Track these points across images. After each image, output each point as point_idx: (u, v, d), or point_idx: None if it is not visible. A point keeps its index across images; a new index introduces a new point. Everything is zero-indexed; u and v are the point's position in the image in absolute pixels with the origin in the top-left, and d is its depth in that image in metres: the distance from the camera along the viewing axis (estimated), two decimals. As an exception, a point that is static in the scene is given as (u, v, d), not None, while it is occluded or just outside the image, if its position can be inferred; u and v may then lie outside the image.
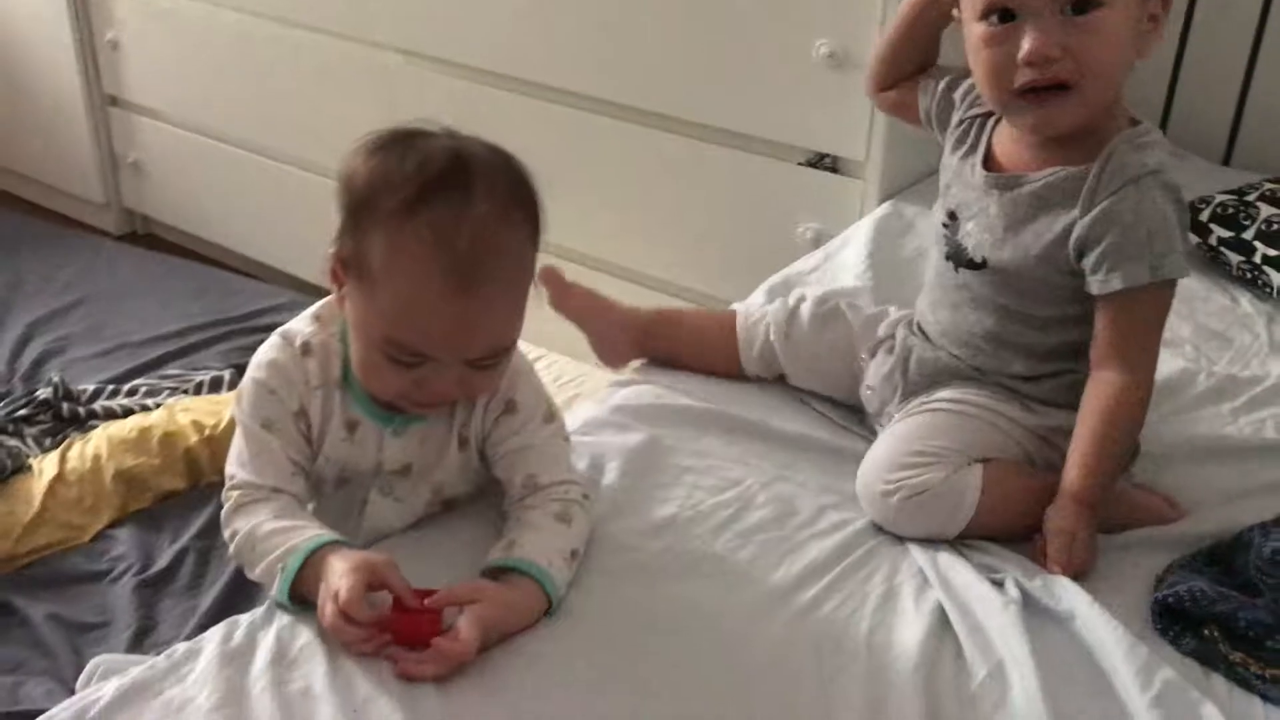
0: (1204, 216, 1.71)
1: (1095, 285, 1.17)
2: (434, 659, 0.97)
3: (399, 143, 1.06)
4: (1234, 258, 1.68)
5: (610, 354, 1.46)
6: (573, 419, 1.32)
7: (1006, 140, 1.26)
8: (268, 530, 1.05)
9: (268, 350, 1.14)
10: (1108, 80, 1.16)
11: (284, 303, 2.54)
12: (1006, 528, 1.19)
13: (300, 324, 1.15)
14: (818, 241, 1.89)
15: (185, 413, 1.99)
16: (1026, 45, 1.13)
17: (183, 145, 2.78)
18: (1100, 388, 1.17)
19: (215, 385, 2.19)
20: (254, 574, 1.06)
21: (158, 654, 1.03)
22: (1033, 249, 1.20)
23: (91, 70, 2.83)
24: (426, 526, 1.18)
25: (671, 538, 1.16)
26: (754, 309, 1.46)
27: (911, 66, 1.38)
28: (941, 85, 1.34)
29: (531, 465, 1.14)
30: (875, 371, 1.35)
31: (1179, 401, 1.44)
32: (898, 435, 1.23)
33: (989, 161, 1.26)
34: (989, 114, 1.29)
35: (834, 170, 1.90)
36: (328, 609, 0.98)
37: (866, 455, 1.23)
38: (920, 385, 1.29)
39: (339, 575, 0.98)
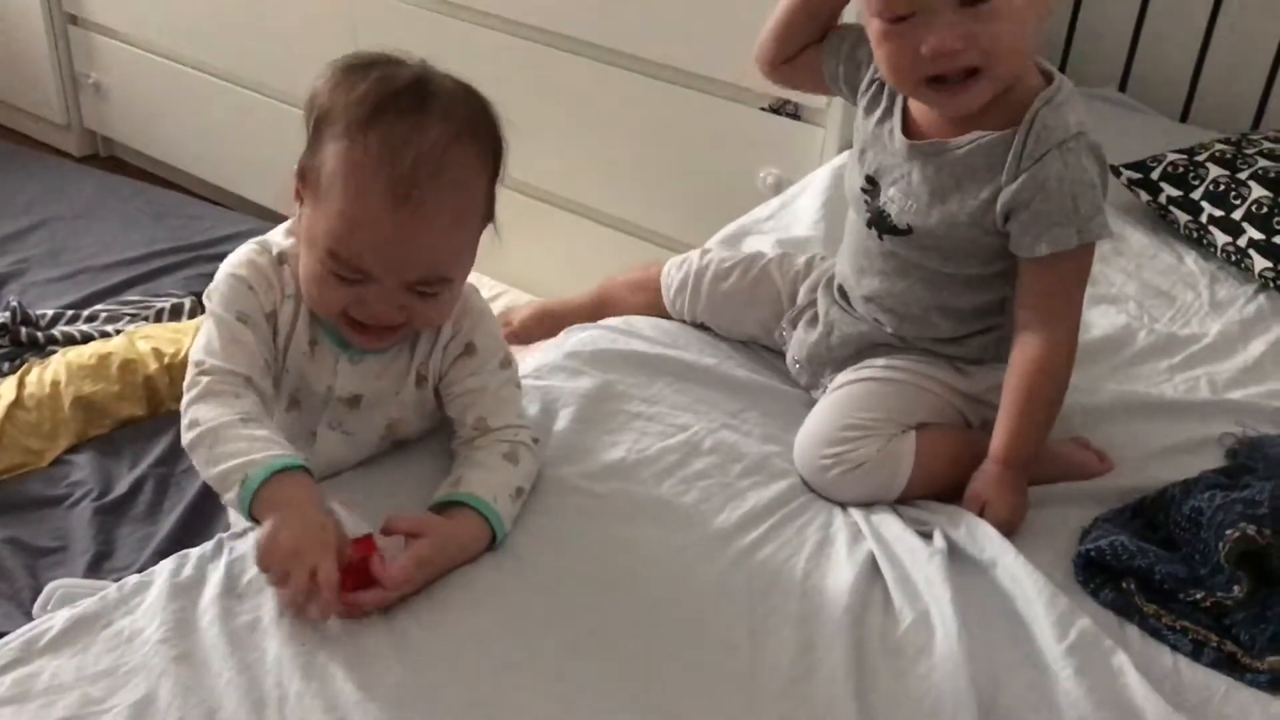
0: (1155, 175, 1.73)
1: (1023, 248, 1.18)
2: (374, 592, 1.00)
3: (367, 65, 1.08)
4: (1182, 217, 1.71)
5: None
6: (527, 362, 1.35)
7: (920, 109, 1.25)
8: (232, 433, 1.03)
9: (245, 252, 1.15)
10: (1017, 56, 1.16)
11: (247, 230, 2.53)
12: (944, 489, 1.23)
13: (275, 235, 1.17)
14: (778, 187, 1.91)
15: (145, 340, 2.00)
16: (930, 42, 1.12)
17: (145, 67, 2.75)
18: (1025, 350, 1.20)
19: (176, 313, 2.19)
20: (207, 473, 1.03)
21: (115, 579, 1.05)
22: (959, 215, 1.21)
23: (52, -13, 2.78)
24: (377, 462, 1.21)
25: (619, 481, 1.20)
26: (672, 271, 1.49)
27: (808, 39, 1.34)
28: (845, 46, 1.31)
29: (484, 408, 1.16)
30: (798, 345, 1.37)
31: (1119, 357, 1.48)
32: (833, 406, 1.26)
33: (907, 127, 1.25)
34: None
35: (796, 117, 1.91)
36: (303, 543, 0.97)
37: (803, 427, 1.26)
38: (846, 356, 1.32)
39: (318, 548, 0.97)
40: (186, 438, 1.05)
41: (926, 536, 1.16)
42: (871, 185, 1.28)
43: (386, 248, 1.04)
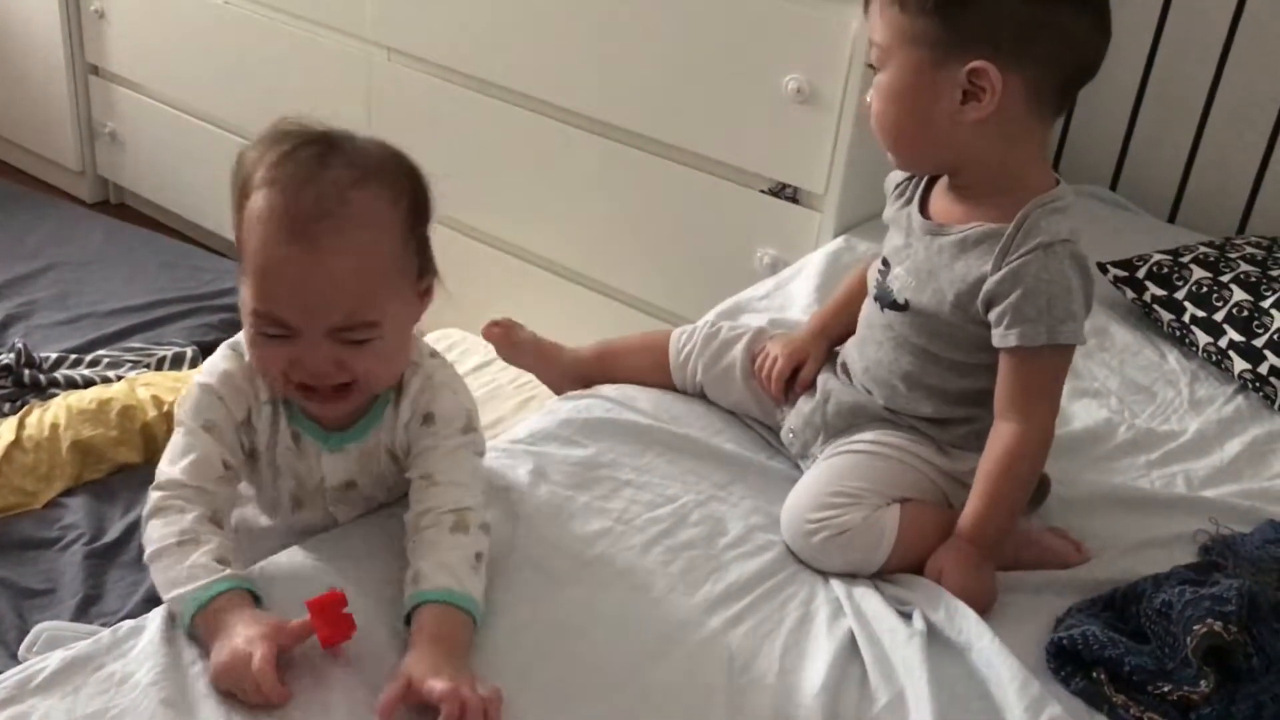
0: (1140, 273, 1.78)
1: (996, 338, 1.24)
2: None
3: (287, 132, 1.10)
4: (1165, 315, 1.75)
5: (560, 392, 1.56)
6: (521, 427, 1.38)
7: (939, 194, 1.33)
8: (168, 560, 1.06)
9: (219, 360, 1.15)
10: (894, 135, 1.27)
11: (251, 284, 2.58)
12: (921, 564, 1.26)
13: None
14: (774, 267, 1.95)
15: (146, 387, 2.02)
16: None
17: (160, 119, 2.81)
18: (998, 436, 1.25)
19: (177, 361, 2.22)
20: (160, 589, 1.06)
21: (103, 624, 1.08)
22: (948, 295, 1.27)
23: (75, 38, 2.85)
24: (345, 531, 1.21)
25: (605, 546, 1.22)
26: (683, 336, 1.53)
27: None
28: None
29: (431, 464, 1.14)
30: (796, 414, 1.42)
31: (1099, 450, 1.52)
32: (821, 475, 1.30)
33: (924, 209, 1.34)
34: (925, 177, 1.36)
35: (794, 200, 1.96)
36: (235, 672, 0.97)
37: (790, 494, 1.29)
38: (839, 427, 1.36)
39: (246, 641, 0.98)
40: (145, 555, 1.10)
41: (906, 616, 1.18)
42: (885, 266, 1.35)
43: (296, 292, 1.05)
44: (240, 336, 1.15)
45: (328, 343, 1.07)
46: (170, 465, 1.11)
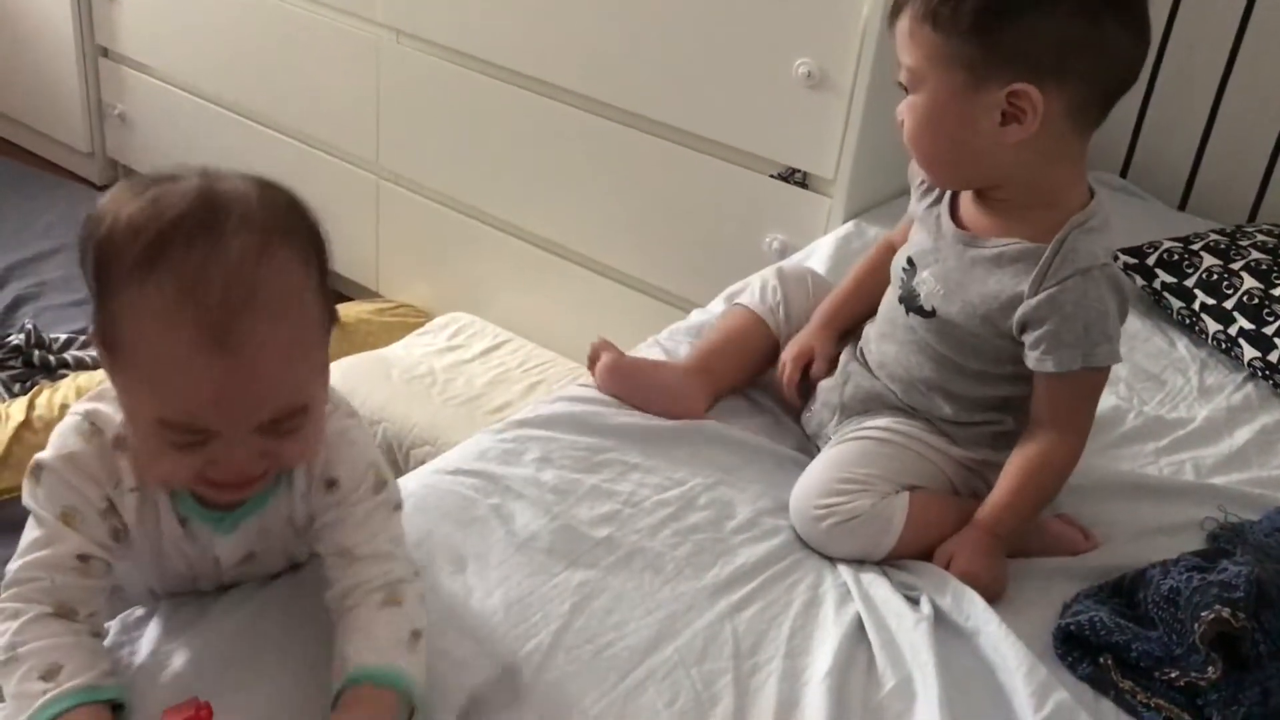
0: (1150, 260, 1.78)
1: (1032, 361, 1.23)
2: None
3: (139, 192, 0.89)
4: (1175, 303, 1.75)
5: (684, 411, 1.40)
6: (527, 410, 1.38)
7: (969, 201, 1.30)
8: (19, 674, 0.91)
9: (67, 436, 0.96)
10: (931, 159, 1.25)
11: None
12: (930, 551, 1.26)
13: (107, 407, 0.97)
14: (783, 252, 1.95)
15: (155, 369, 2.03)
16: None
17: (169, 101, 2.81)
18: (1031, 444, 1.25)
19: (186, 343, 2.23)
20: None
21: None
22: (979, 309, 1.26)
23: (85, 20, 2.85)
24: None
25: (612, 529, 1.23)
26: (755, 294, 1.51)
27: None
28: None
29: (345, 536, 1.00)
30: (821, 390, 1.42)
31: (1108, 438, 1.52)
32: (830, 461, 1.30)
33: (954, 214, 1.31)
34: None
35: (804, 185, 1.96)
36: None
37: (800, 479, 1.29)
38: (855, 409, 1.36)
39: None
40: None
41: (914, 602, 1.19)
42: (910, 266, 1.33)
43: (219, 400, 0.87)
44: (102, 408, 0.97)
45: (253, 438, 0.90)
46: (16, 559, 0.95)
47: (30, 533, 0.96)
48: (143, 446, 0.93)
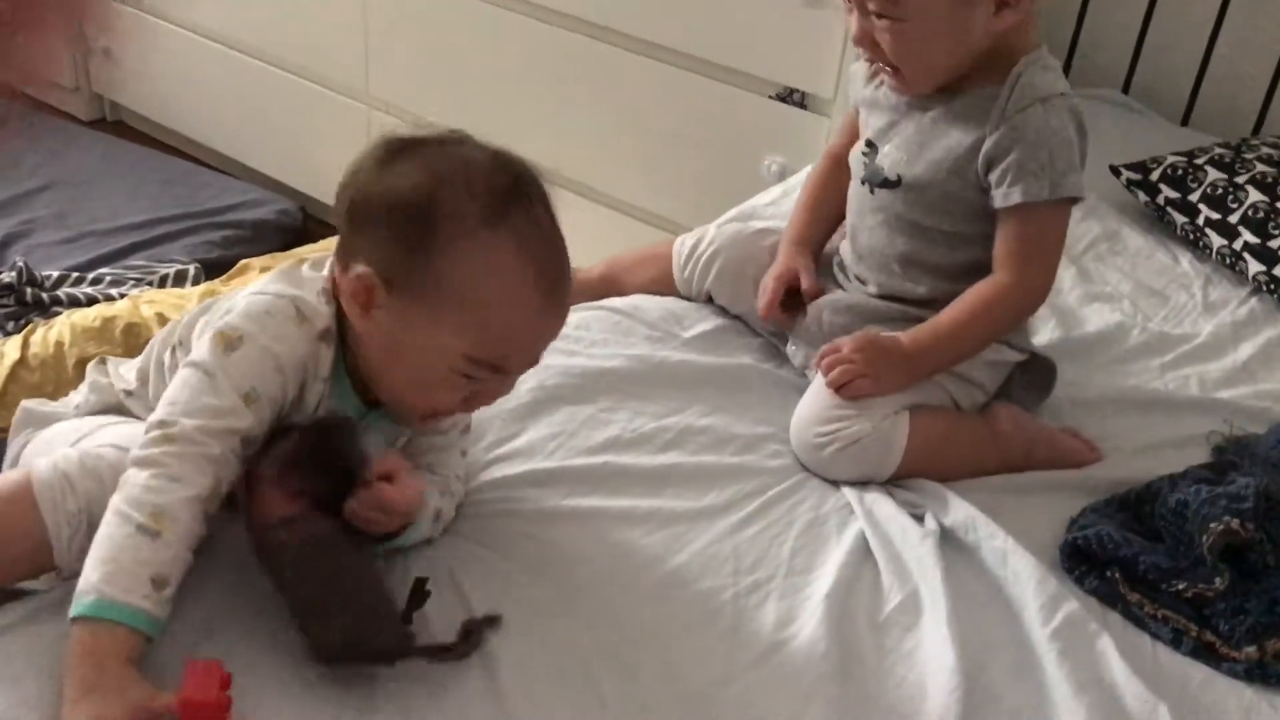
0: (1154, 176, 1.76)
1: (998, 198, 1.23)
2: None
3: (425, 152, 1.00)
4: (1179, 218, 1.73)
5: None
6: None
7: None
8: (127, 538, 0.88)
9: (283, 321, 0.99)
10: (926, 70, 1.25)
11: (252, 199, 2.55)
12: (933, 469, 1.25)
13: (313, 299, 1.01)
14: (782, 175, 1.92)
15: (149, 304, 2.01)
16: (852, 30, 1.25)
17: (155, 32, 2.76)
18: (983, 284, 1.26)
19: (180, 279, 2.21)
20: (88, 560, 0.89)
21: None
22: (944, 163, 1.26)
23: (65, -49, 2.79)
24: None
25: (611, 456, 1.21)
26: (686, 243, 1.51)
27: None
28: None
29: (432, 456, 1.10)
30: (796, 329, 1.40)
31: (1112, 353, 1.51)
32: (825, 388, 1.27)
33: None
34: None
35: (802, 106, 1.93)
36: None
37: (797, 408, 1.28)
38: (834, 331, 1.34)
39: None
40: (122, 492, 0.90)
41: (918, 519, 1.18)
42: (870, 148, 1.34)
43: (538, 343, 1.02)
44: (305, 298, 1.00)
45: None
46: (184, 410, 0.93)
47: (202, 393, 0.94)
48: (422, 377, 1.00)
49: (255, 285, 1.04)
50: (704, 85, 2.00)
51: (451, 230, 0.96)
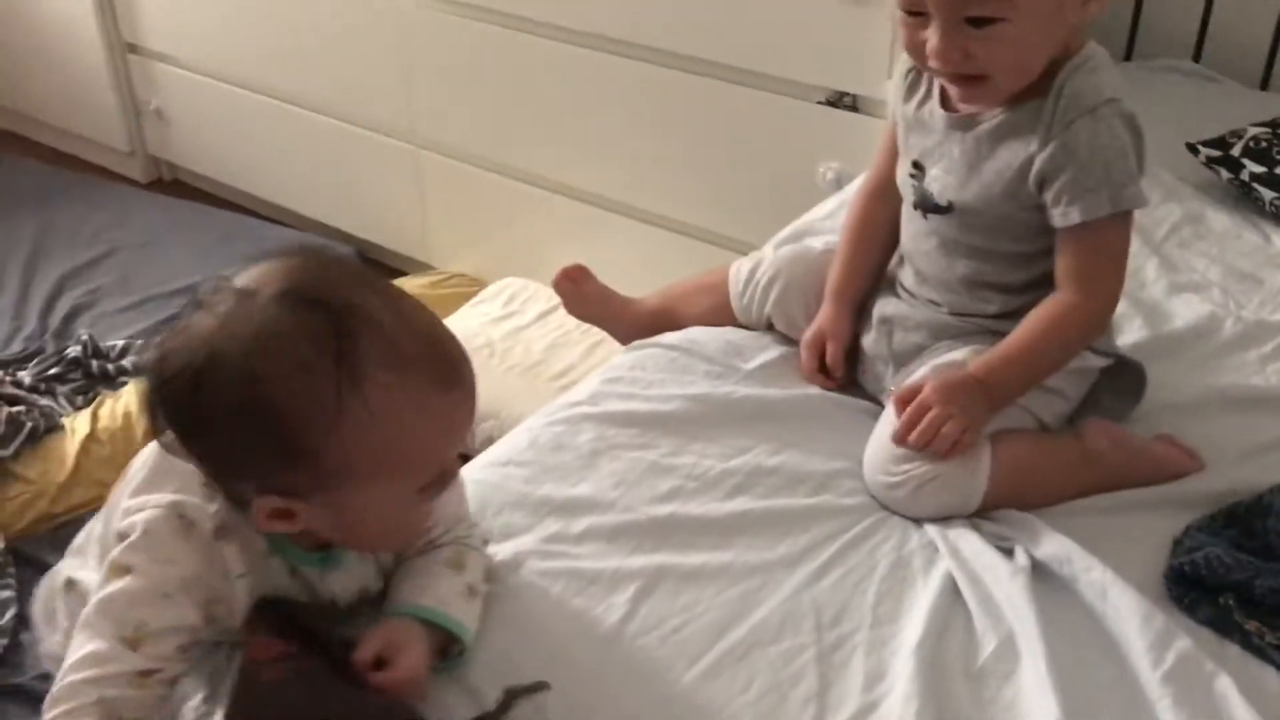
0: (1235, 151, 1.65)
1: (1056, 218, 1.17)
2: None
3: (224, 354, 0.84)
4: (1267, 194, 1.62)
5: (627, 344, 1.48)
6: (579, 390, 1.32)
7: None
8: None
9: (166, 539, 0.90)
10: (1022, 72, 1.16)
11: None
12: (1022, 498, 1.17)
13: (196, 495, 0.92)
14: (839, 183, 1.86)
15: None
16: (930, 46, 1.14)
17: (202, 91, 2.77)
18: (1049, 302, 1.19)
19: (242, 337, 2.20)
20: None
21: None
22: (995, 186, 1.19)
23: (109, 18, 2.81)
24: None
25: (676, 506, 1.15)
26: (743, 268, 1.45)
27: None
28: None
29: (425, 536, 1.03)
30: (866, 350, 1.34)
31: (1204, 348, 1.41)
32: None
33: (945, 104, 1.24)
34: None
35: (854, 109, 1.85)
36: None
37: (869, 445, 1.21)
38: (906, 350, 1.28)
39: None
40: None
41: (1008, 553, 1.11)
42: (917, 170, 1.27)
43: (465, 425, 0.94)
44: (185, 501, 0.91)
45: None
46: (71, 664, 0.89)
47: (87, 641, 0.89)
48: (396, 522, 0.95)
49: (137, 474, 0.96)
50: (751, 96, 1.94)
51: (318, 425, 0.84)
